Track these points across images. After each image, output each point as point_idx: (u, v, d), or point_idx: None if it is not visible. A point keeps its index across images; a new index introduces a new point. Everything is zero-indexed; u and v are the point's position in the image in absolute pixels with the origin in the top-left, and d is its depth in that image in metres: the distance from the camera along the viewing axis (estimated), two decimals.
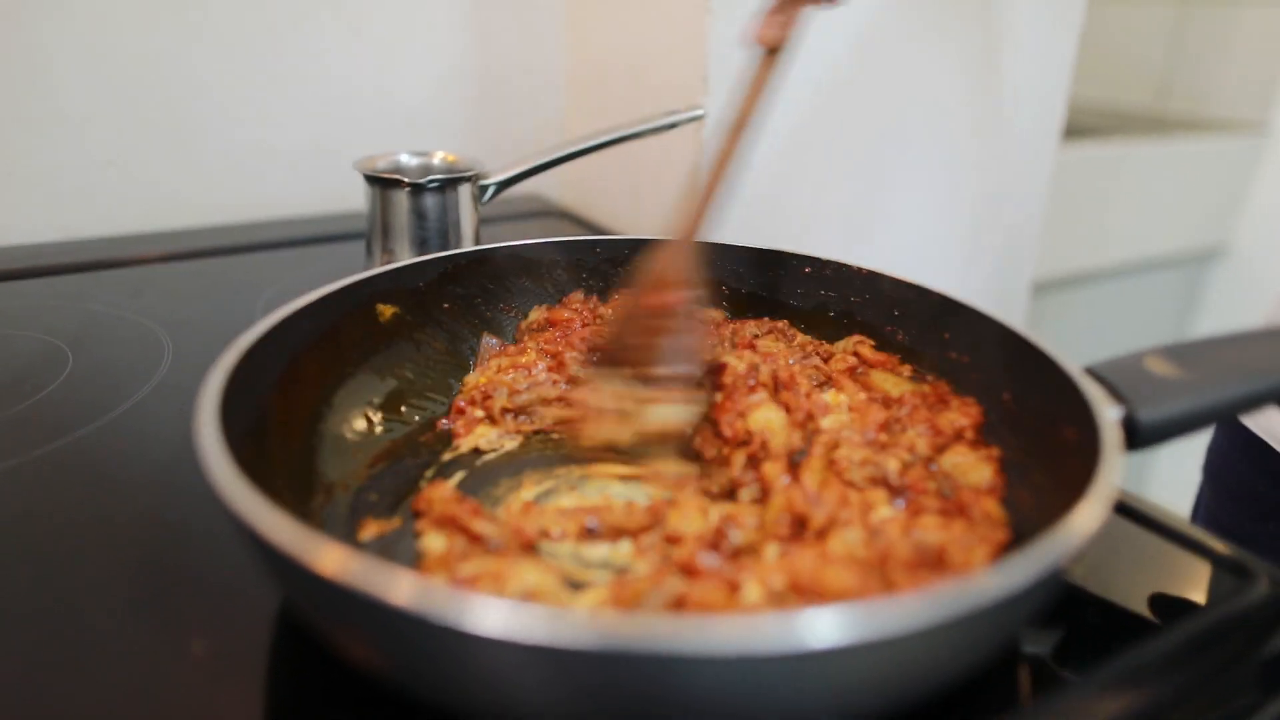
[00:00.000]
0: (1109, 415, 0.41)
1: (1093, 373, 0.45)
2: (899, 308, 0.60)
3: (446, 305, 0.62)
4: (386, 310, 0.58)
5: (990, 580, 0.29)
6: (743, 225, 0.95)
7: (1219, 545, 0.49)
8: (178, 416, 0.59)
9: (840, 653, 0.28)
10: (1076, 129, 1.70)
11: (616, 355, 0.53)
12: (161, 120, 0.94)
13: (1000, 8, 1.07)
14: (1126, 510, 0.52)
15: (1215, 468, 0.84)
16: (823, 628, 0.27)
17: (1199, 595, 0.47)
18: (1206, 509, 0.85)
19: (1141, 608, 0.45)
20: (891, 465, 0.47)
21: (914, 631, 0.28)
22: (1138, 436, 0.42)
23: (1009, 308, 1.27)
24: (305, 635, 0.40)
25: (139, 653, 0.39)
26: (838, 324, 0.63)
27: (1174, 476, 1.87)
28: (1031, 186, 1.21)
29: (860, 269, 0.62)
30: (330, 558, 0.29)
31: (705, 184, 0.55)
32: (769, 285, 0.66)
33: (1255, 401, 0.45)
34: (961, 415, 0.51)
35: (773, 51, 0.55)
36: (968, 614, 0.29)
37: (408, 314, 0.59)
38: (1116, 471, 0.37)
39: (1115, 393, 0.43)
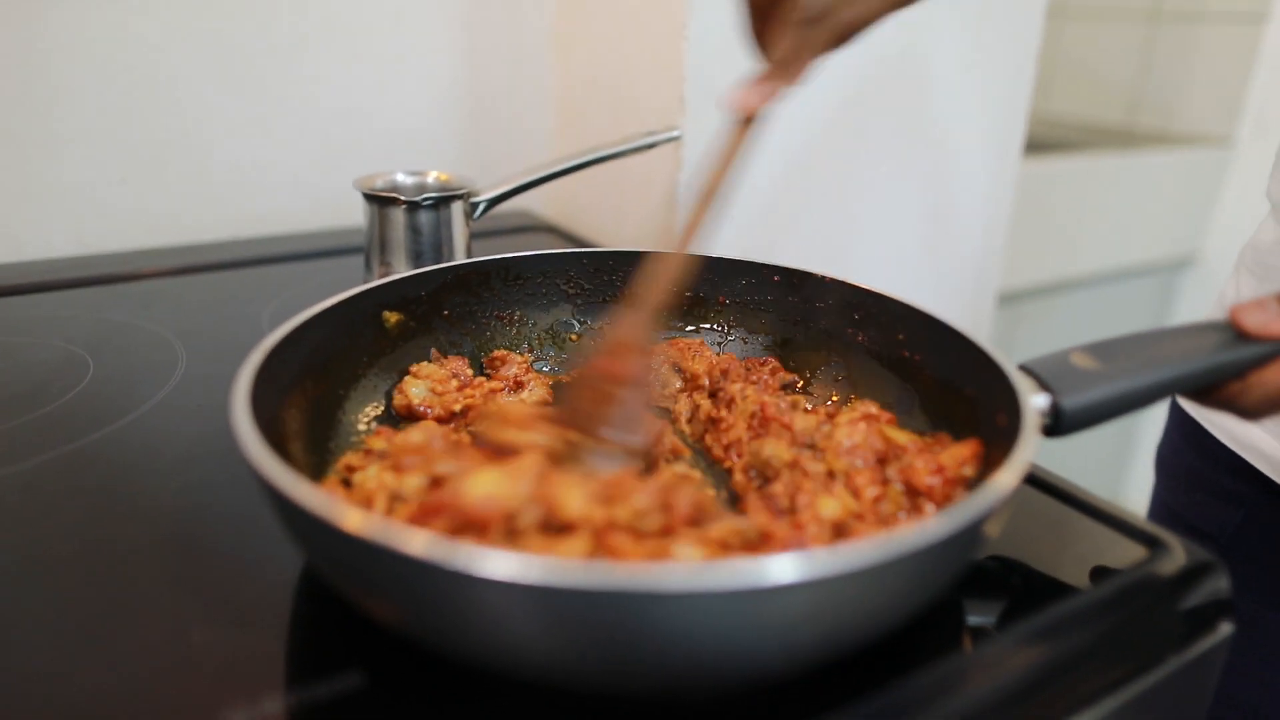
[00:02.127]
0: (1034, 402, 0.48)
1: (1024, 368, 0.51)
2: (858, 311, 0.65)
3: (446, 313, 0.67)
4: (392, 317, 0.64)
5: (917, 532, 0.35)
6: (723, 241, 1.01)
7: (1138, 521, 0.54)
8: (194, 416, 0.64)
9: (792, 589, 0.33)
10: (1051, 143, 1.77)
11: (566, 419, 0.52)
12: (171, 139, 0.99)
13: (961, 27, 1.13)
14: (1060, 494, 0.57)
15: (1164, 458, 0.90)
16: (779, 567, 0.32)
17: (1117, 563, 0.52)
18: (1159, 497, 0.90)
19: (1064, 575, 0.50)
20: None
21: (856, 571, 0.33)
22: (1063, 420, 0.49)
23: (976, 317, 1.33)
24: (321, 617, 0.45)
25: (160, 630, 0.44)
26: (801, 327, 0.68)
27: (1144, 479, 1.92)
28: (995, 200, 1.27)
29: (823, 277, 0.66)
30: (354, 517, 0.34)
31: (674, 245, 0.55)
32: (731, 291, 0.71)
33: (1162, 390, 0.51)
34: (964, 448, 0.53)
35: (748, 121, 0.56)
36: (899, 558, 0.34)
37: (411, 320, 0.65)
38: (1032, 443, 0.43)
39: (1042, 383, 0.50)
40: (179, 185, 1.01)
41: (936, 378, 0.58)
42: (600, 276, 0.72)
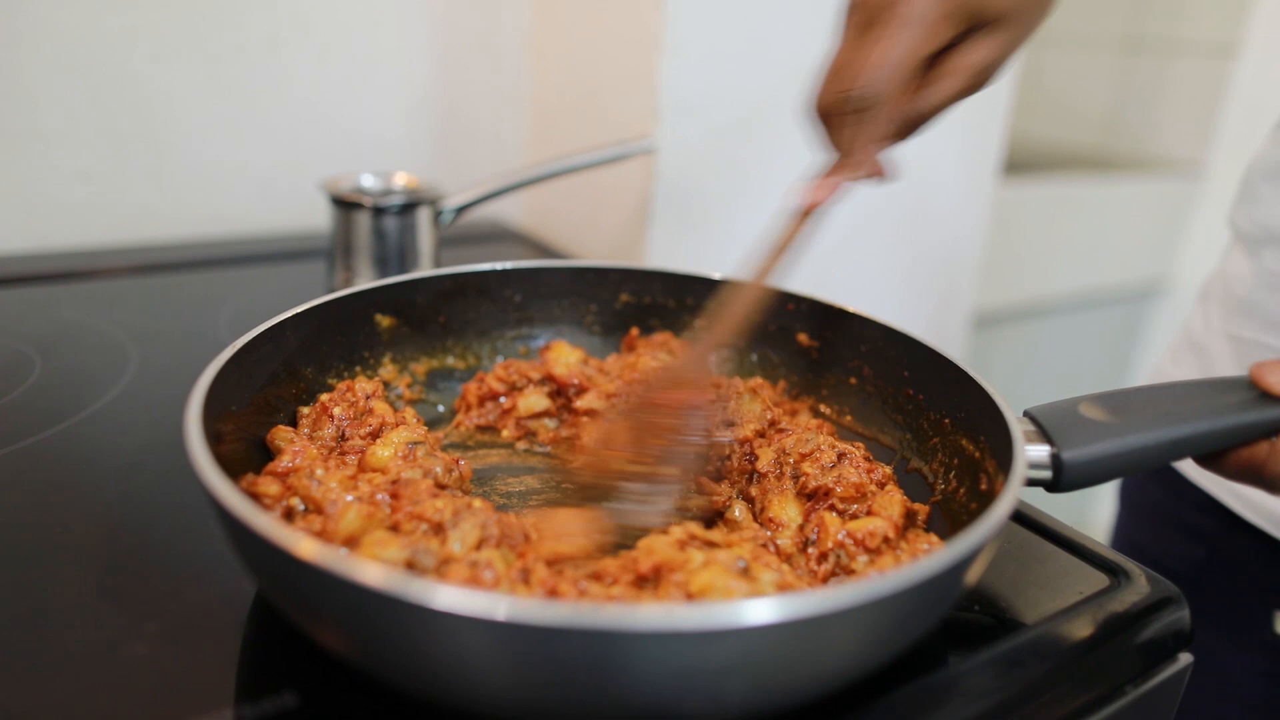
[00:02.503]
0: (1027, 453, 0.45)
1: (1029, 414, 0.49)
2: (865, 344, 0.63)
3: (442, 319, 0.66)
4: (385, 321, 0.63)
5: (895, 575, 0.34)
6: (696, 254, 1.00)
7: (1101, 549, 0.53)
8: (142, 420, 0.62)
9: (765, 630, 0.32)
10: (1029, 164, 1.78)
11: (621, 444, 0.52)
12: (133, 136, 0.97)
13: None
14: (1025, 520, 0.56)
15: (1129, 491, 0.89)
16: (753, 609, 0.31)
17: (1079, 591, 0.51)
18: (1122, 529, 0.90)
19: (1026, 602, 0.49)
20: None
21: (829, 613, 0.32)
22: (1064, 475, 0.46)
23: (948, 339, 1.33)
24: (258, 636, 0.44)
25: (101, 638, 0.42)
26: (807, 357, 0.66)
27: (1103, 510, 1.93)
28: (969, 221, 1.27)
29: (835, 306, 0.64)
30: (307, 545, 0.33)
31: (730, 313, 0.55)
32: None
33: (1176, 449, 0.47)
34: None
35: (808, 213, 0.55)
36: (872, 602, 0.33)
37: (405, 325, 0.64)
38: (1011, 499, 0.40)
39: (1044, 433, 0.47)
40: (141, 182, 0.99)
41: (937, 418, 0.57)
42: (612, 294, 0.70)
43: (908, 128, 0.56)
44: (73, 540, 0.49)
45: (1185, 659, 0.50)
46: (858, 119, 0.53)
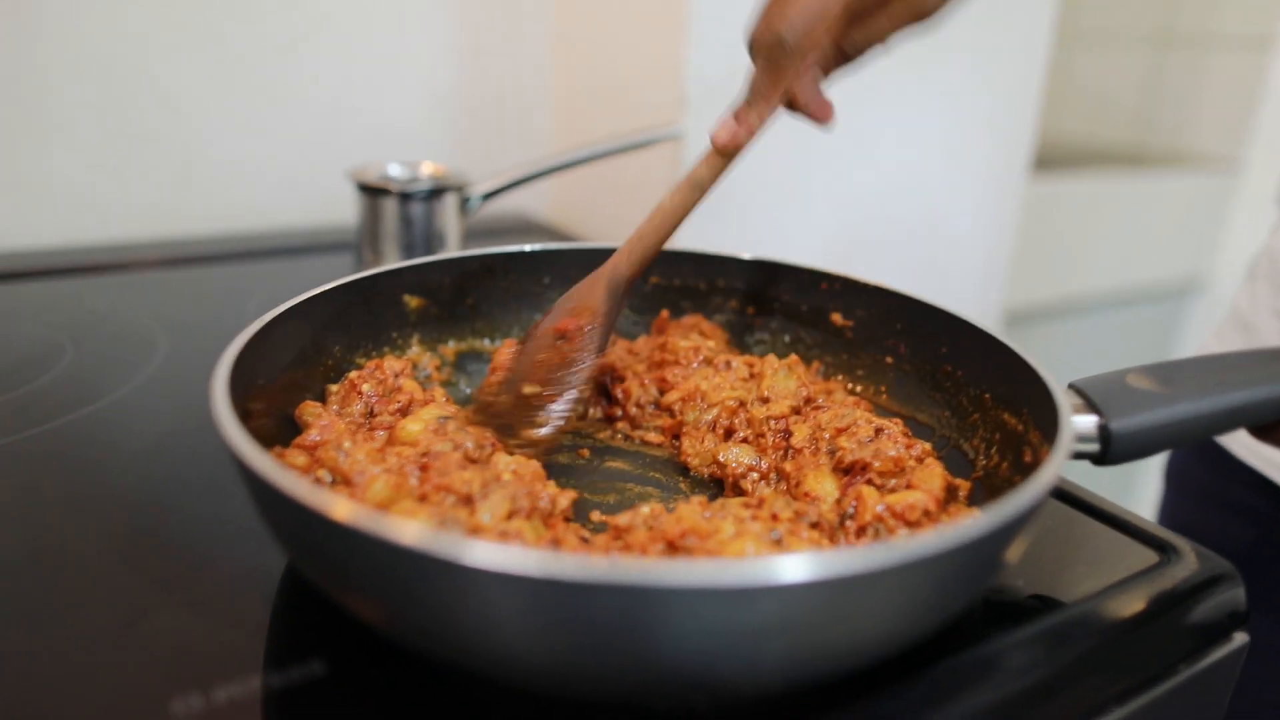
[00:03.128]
0: (1074, 423, 0.43)
1: (1074, 386, 0.47)
2: (900, 322, 0.61)
3: (470, 301, 0.66)
4: (414, 301, 0.62)
5: (934, 536, 0.32)
6: (724, 241, 0.99)
7: (1149, 526, 0.52)
8: (169, 404, 0.62)
9: (799, 589, 0.30)
10: (1060, 161, 1.75)
11: (519, 371, 0.56)
12: (160, 132, 0.98)
13: (969, 46, 1.12)
14: (1070, 498, 0.55)
15: (1175, 471, 0.87)
16: (790, 565, 0.30)
17: (1127, 569, 0.49)
18: (1169, 509, 0.88)
19: (1073, 580, 0.48)
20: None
21: (865, 573, 0.31)
22: (1112, 446, 0.45)
23: None
24: (283, 607, 0.43)
25: (126, 608, 0.42)
26: (841, 337, 0.65)
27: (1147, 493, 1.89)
28: (1000, 217, 1.25)
29: (870, 284, 0.63)
30: (343, 506, 0.32)
31: (634, 243, 0.59)
32: (772, 296, 0.69)
33: (1229, 419, 0.46)
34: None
35: (728, 154, 0.56)
36: (909, 563, 0.32)
37: (434, 306, 0.64)
38: (1056, 466, 0.39)
39: (1090, 403, 0.46)
40: (167, 178, 0.99)
41: (976, 393, 0.55)
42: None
43: (844, 60, 0.55)
44: (99, 516, 0.49)
45: (1241, 639, 0.48)
46: (786, 58, 0.53)
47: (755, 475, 0.53)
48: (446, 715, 0.37)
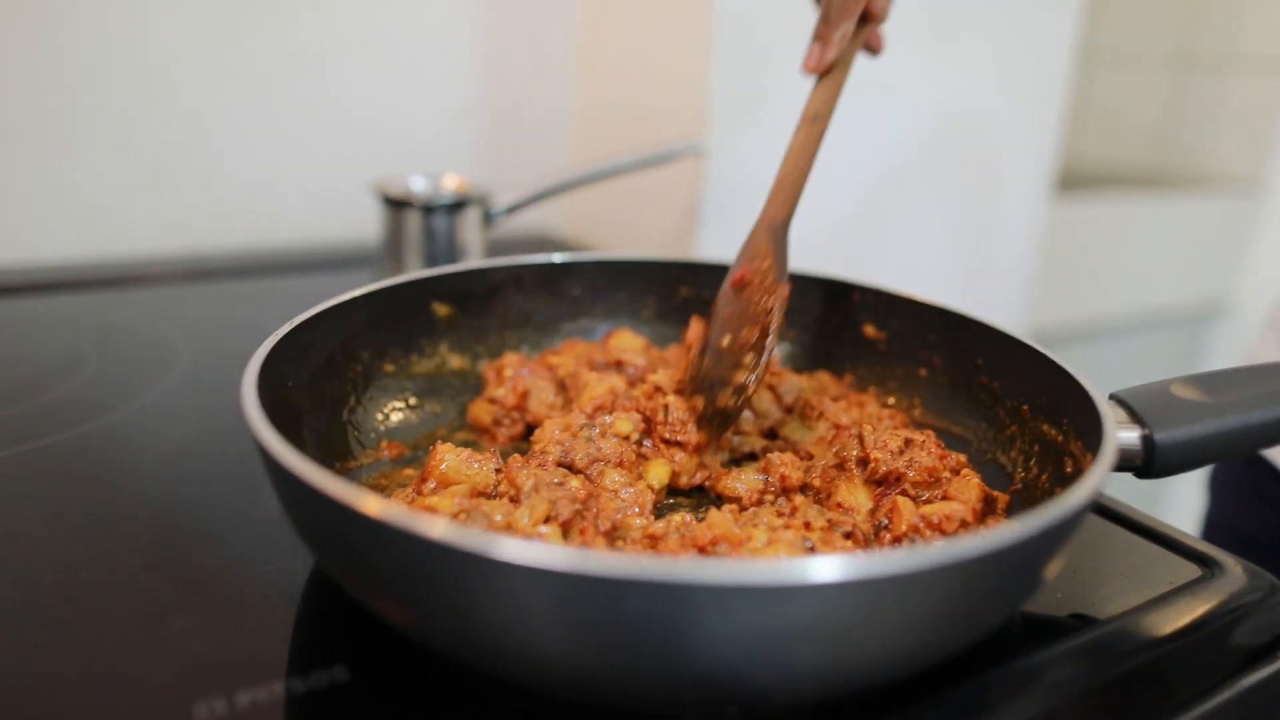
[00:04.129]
0: (1119, 437, 0.42)
1: (1116, 397, 0.46)
2: (934, 333, 0.61)
3: (499, 311, 0.65)
4: (442, 309, 0.62)
5: (965, 542, 0.31)
6: None
7: (1191, 541, 0.50)
8: (192, 410, 0.62)
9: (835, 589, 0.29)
10: (1080, 182, 1.74)
11: (711, 332, 0.58)
12: (185, 144, 0.98)
13: (993, 65, 1.11)
14: (1116, 516, 0.53)
15: (1219, 477, 0.86)
16: (823, 565, 0.29)
17: (1169, 584, 0.48)
18: (1213, 515, 0.86)
19: (1114, 595, 0.46)
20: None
21: (897, 574, 0.30)
22: (1157, 458, 0.43)
23: None
24: (306, 611, 0.42)
25: (150, 609, 0.41)
26: (874, 349, 0.64)
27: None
28: (1022, 239, 1.25)
29: (903, 296, 0.62)
30: (374, 502, 0.32)
31: (781, 183, 0.60)
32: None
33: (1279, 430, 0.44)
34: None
35: (828, 72, 0.59)
36: (946, 565, 0.31)
37: (462, 315, 0.63)
38: (1099, 478, 0.37)
39: (1134, 415, 0.44)
40: (191, 191, 1.00)
41: (1014, 405, 0.54)
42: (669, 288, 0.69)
43: None
44: (124, 521, 0.49)
45: None
46: None
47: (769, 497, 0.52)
48: (475, 716, 0.36)
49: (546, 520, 0.43)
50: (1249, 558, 0.51)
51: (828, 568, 0.29)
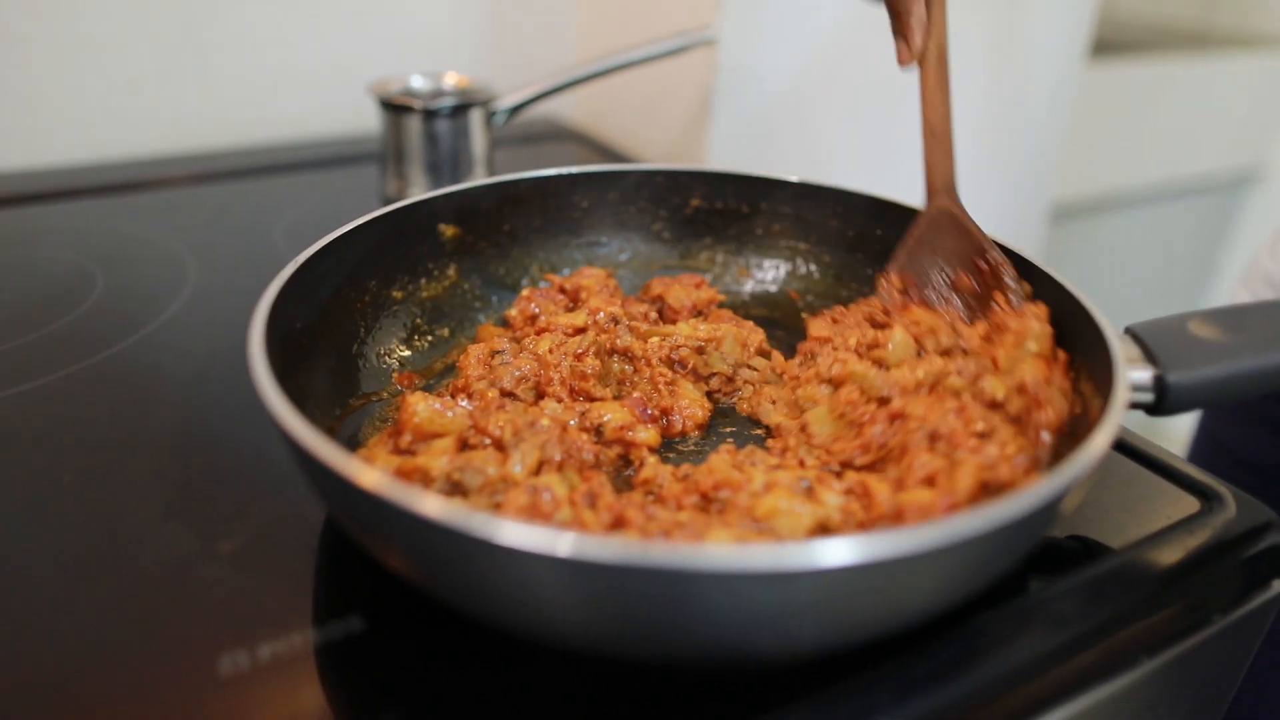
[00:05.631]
0: (1130, 376, 0.41)
1: (1131, 332, 0.45)
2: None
3: (507, 228, 0.64)
4: (449, 230, 0.61)
5: (981, 516, 0.32)
6: (759, 156, 0.95)
7: (1191, 471, 0.51)
8: (204, 334, 0.63)
9: (850, 571, 0.30)
10: (1118, 43, 1.65)
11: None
12: (182, 41, 0.94)
13: None
14: (1118, 444, 0.53)
15: None
16: (834, 550, 0.30)
17: (1169, 515, 0.48)
18: (1205, 427, 0.86)
19: (1115, 527, 0.47)
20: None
21: (914, 554, 0.31)
22: (1168, 398, 0.43)
23: (1024, 230, 1.27)
24: (327, 563, 0.44)
25: (173, 558, 0.43)
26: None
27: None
28: (1053, 106, 1.19)
29: (915, 209, 0.60)
30: (369, 475, 0.32)
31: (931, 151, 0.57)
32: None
33: None
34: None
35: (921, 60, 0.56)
36: (957, 543, 0.31)
37: (470, 234, 0.62)
38: (1112, 429, 0.37)
39: (1148, 353, 0.43)
40: (190, 88, 0.97)
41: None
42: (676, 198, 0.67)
43: None
44: (142, 459, 0.50)
45: (1279, 586, 0.48)
46: None
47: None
48: (491, 666, 0.38)
49: (540, 469, 0.43)
50: (1237, 475, 0.51)
51: (833, 552, 0.30)
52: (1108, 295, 1.65)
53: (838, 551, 0.30)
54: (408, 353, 0.58)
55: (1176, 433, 1.51)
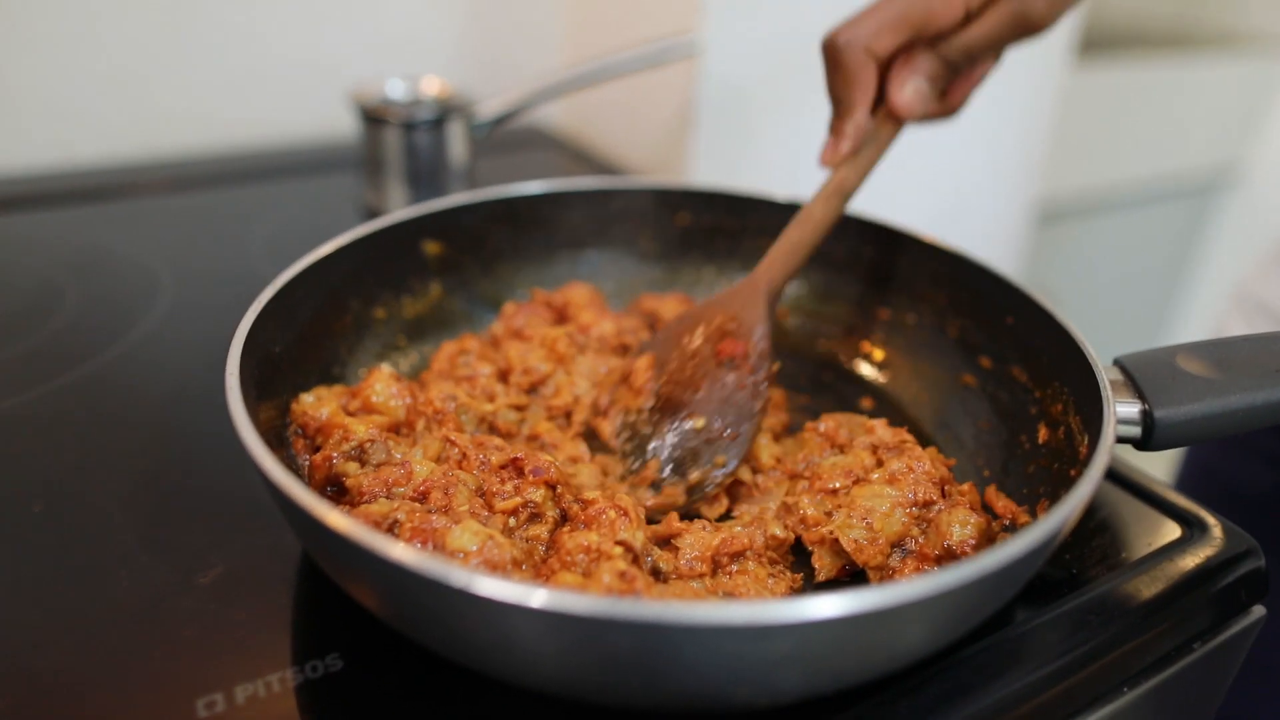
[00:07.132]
0: (1117, 410, 0.41)
1: (1120, 364, 0.45)
2: (965, 292, 0.58)
3: (491, 245, 0.63)
4: (432, 247, 0.60)
5: (962, 569, 0.32)
6: (742, 165, 0.95)
7: (1175, 499, 0.51)
8: (178, 353, 0.61)
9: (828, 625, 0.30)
10: (1101, 41, 1.65)
11: (674, 397, 0.51)
12: (158, 39, 0.92)
13: None
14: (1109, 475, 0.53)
15: None
16: (819, 605, 0.29)
17: (1153, 542, 0.48)
18: (1194, 452, 0.87)
19: (1099, 554, 0.47)
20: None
21: (900, 605, 0.31)
22: (1155, 434, 0.42)
23: (1010, 234, 1.27)
24: (305, 599, 0.43)
25: (147, 591, 0.42)
26: (898, 292, 0.63)
27: None
28: (1037, 107, 1.19)
29: (904, 233, 0.60)
30: (340, 519, 0.32)
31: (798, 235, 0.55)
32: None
33: None
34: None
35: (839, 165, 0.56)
36: (941, 593, 0.31)
37: (453, 252, 0.61)
38: (1098, 473, 0.37)
39: (1136, 387, 0.43)
40: (166, 87, 0.95)
41: (1013, 365, 0.54)
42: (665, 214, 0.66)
43: (952, 71, 0.55)
44: (114, 486, 0.49)
45: (1258, 612, 0.48)
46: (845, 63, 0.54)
47: None
48: (471, 705, 0.38)
49: (439, 460, 0.44)
50: (1224, 504, 0.51)
51: (814, 607, 0.29)
52: (1086, 295, 1.65)
53: (823, 606, 0.29)
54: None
55: (1162, 456, 1.52)
